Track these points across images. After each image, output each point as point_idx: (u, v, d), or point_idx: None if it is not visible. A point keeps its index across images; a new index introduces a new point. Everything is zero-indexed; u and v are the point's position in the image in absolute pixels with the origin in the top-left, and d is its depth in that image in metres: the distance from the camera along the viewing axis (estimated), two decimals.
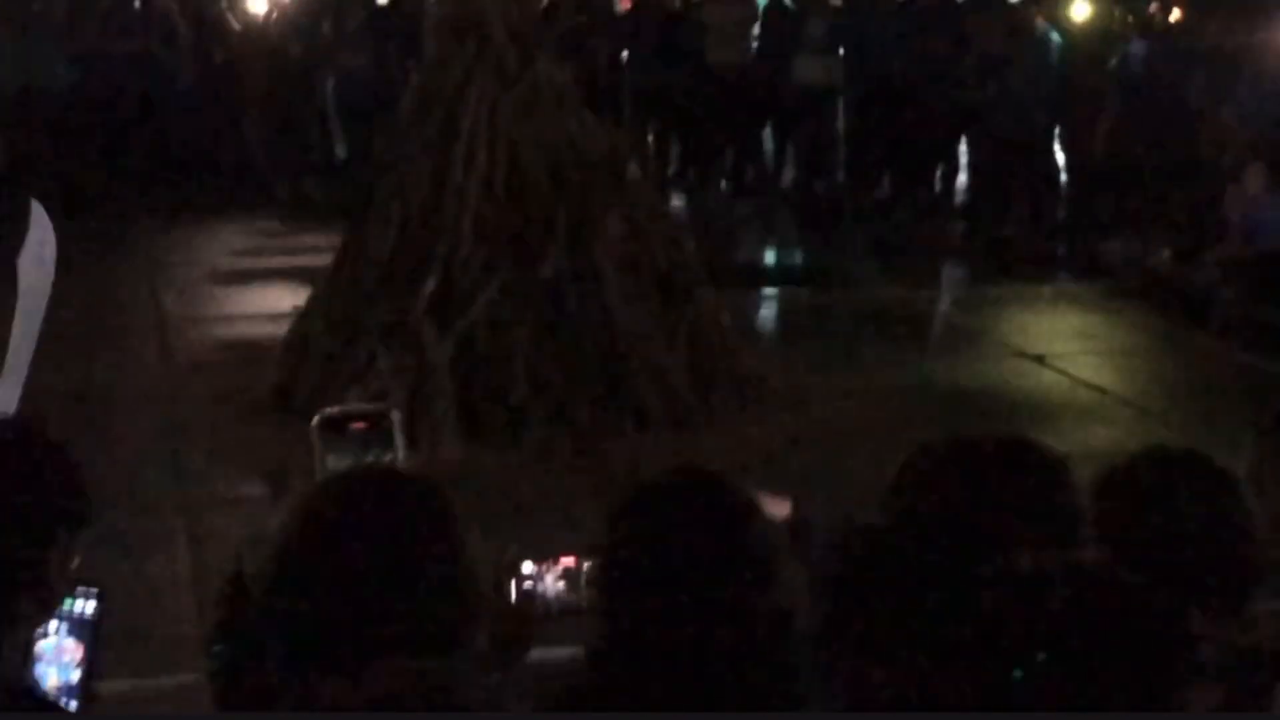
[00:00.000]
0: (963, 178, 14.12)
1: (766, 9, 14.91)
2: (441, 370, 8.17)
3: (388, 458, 2.75)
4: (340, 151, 14.79)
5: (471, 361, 8.25)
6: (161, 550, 6.71)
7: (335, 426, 2.77)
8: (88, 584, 2.61)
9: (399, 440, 2.76)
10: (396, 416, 2.79)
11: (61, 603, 2.58)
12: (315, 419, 2.76)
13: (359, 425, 2.76)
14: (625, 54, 14.83)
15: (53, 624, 2.57)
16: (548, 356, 8.33)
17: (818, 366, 9.42)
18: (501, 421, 8.09)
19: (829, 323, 10.88)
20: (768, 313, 11.58)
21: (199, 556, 6.76)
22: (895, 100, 13.58)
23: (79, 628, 2.59)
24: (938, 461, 2.63)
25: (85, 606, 2.60)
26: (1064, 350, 9.97)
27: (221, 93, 14.31)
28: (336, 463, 2.76)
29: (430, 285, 8.35)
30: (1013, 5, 13.92)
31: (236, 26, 14.58)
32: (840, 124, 14.48)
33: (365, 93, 13.97)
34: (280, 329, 9.08)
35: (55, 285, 4.63)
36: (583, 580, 2.70)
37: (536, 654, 2.71)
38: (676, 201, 14.02)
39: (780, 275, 12.63)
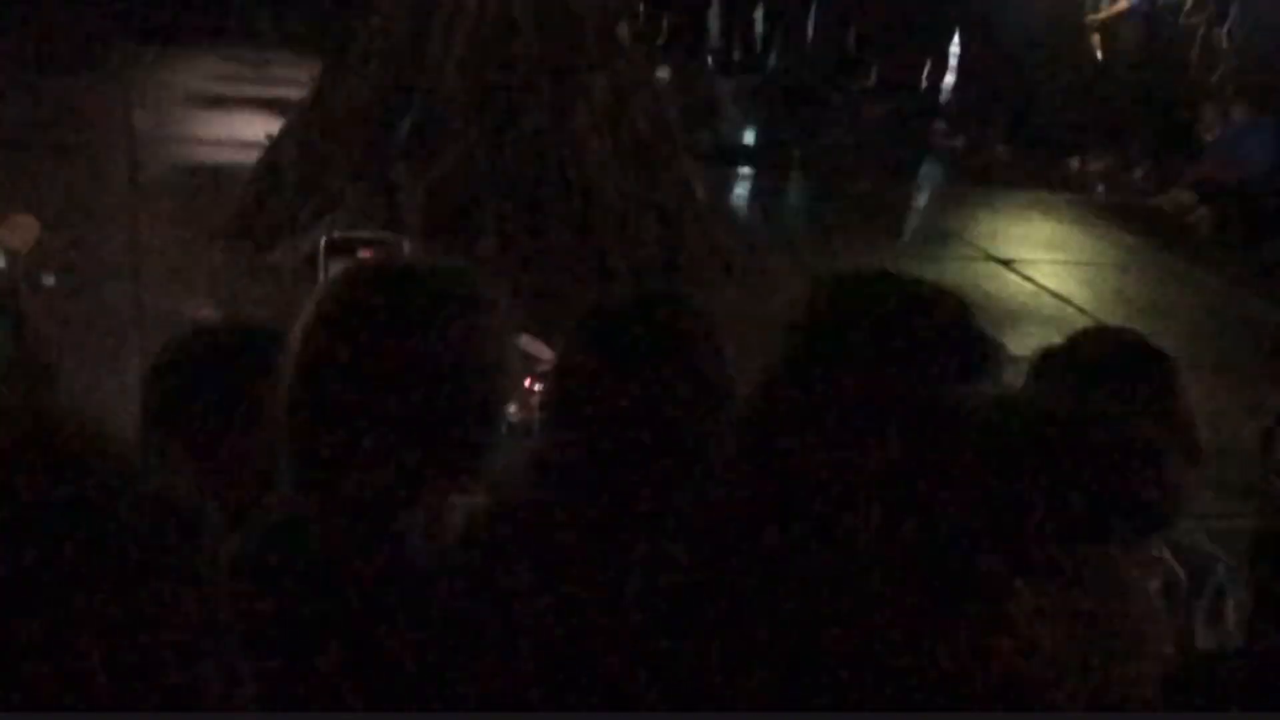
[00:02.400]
0: (949, 78, 14.02)
1: None
2: (411, 213, 8.09)
3: None
4: None
5: (441, 208, 8.18)
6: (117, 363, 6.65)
7: (341, 250, 2.68)
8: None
9: None
10: (405, 244, 2.71)
11: None
12: (322, 240, 2.68)
13: (365, 251, 2.68)
14: None
15: None
16: (518, 212, 8.27)
17: (786, 250, 9.38)
18: None
19: (803, 208, 10.84)
20: (743, 192, 11.50)
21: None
22: None
23: None
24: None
25: None
26: (1032, 257, 9.96)
27: None
28: None
29: (406, 126, 8.26)
30: None
31: None
32: (835, 10, 14.29)
33: None
34: (252, 157, 8.98)
35: (29, 99, 4.56)
36: (533, 400, 2.65)
37: None
38: (662, 73, 13.88)
39: (758, 156, 12.54)
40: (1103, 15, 12.16)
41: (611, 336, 2.41)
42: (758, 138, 13.44)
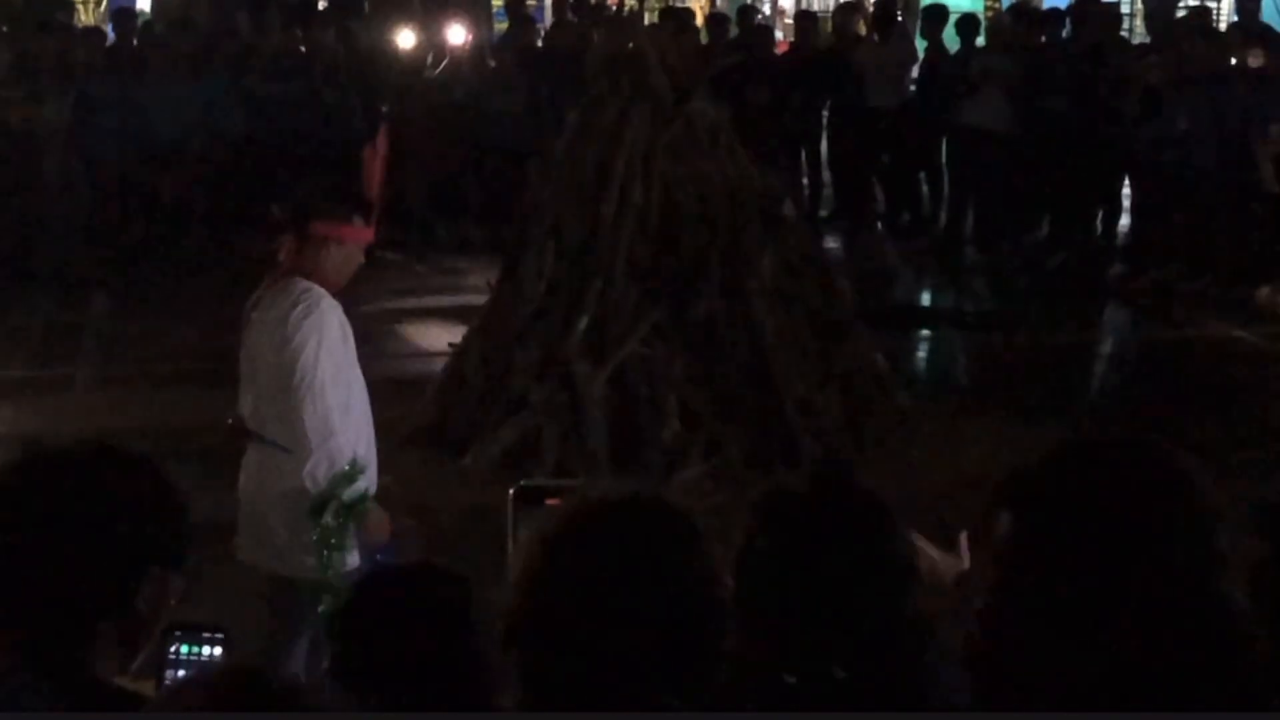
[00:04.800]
0: (1125, 220, 13.87)
1: (927, 50, 14.81)
2: (594, 408, 8.20)
3: None
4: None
5: (624, 399, 8.27)
6: None
7: (530, 498, 2.72)
8: (212, 630, 2.59)
9: None
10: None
11: (181, 648, 2.55)
12: (511, 490, 2.72)
13: (554, 500, 2.71)
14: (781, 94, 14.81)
15: (178, 673, 2.54)
16: (700, 395, 8.33)
17: (972, 411, 9.30)
18: (653, 459, 8.09)
19: (985, 367, 10.73)
20: (922, 355, 11.44)
21: None
22: (1057, 141, 13.38)
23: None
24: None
25: (212, 652, 2.58)
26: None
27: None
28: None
29: (583, 323, 8.39)
30: (1176, 44, 13.64)
31: (397, 71, 14.77)
32: (1000, 166, 14.25)
33: (519, 134, 14.09)
34: (436, 366, 9.18)
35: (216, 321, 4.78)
36: None
37: None
38: (831, 243, 13.98)
39: (935, 317, 12.49)
40: (1275, 143, 11.97)
41: (788, 523, 2.48)
42: (933, 299, 13.40)
